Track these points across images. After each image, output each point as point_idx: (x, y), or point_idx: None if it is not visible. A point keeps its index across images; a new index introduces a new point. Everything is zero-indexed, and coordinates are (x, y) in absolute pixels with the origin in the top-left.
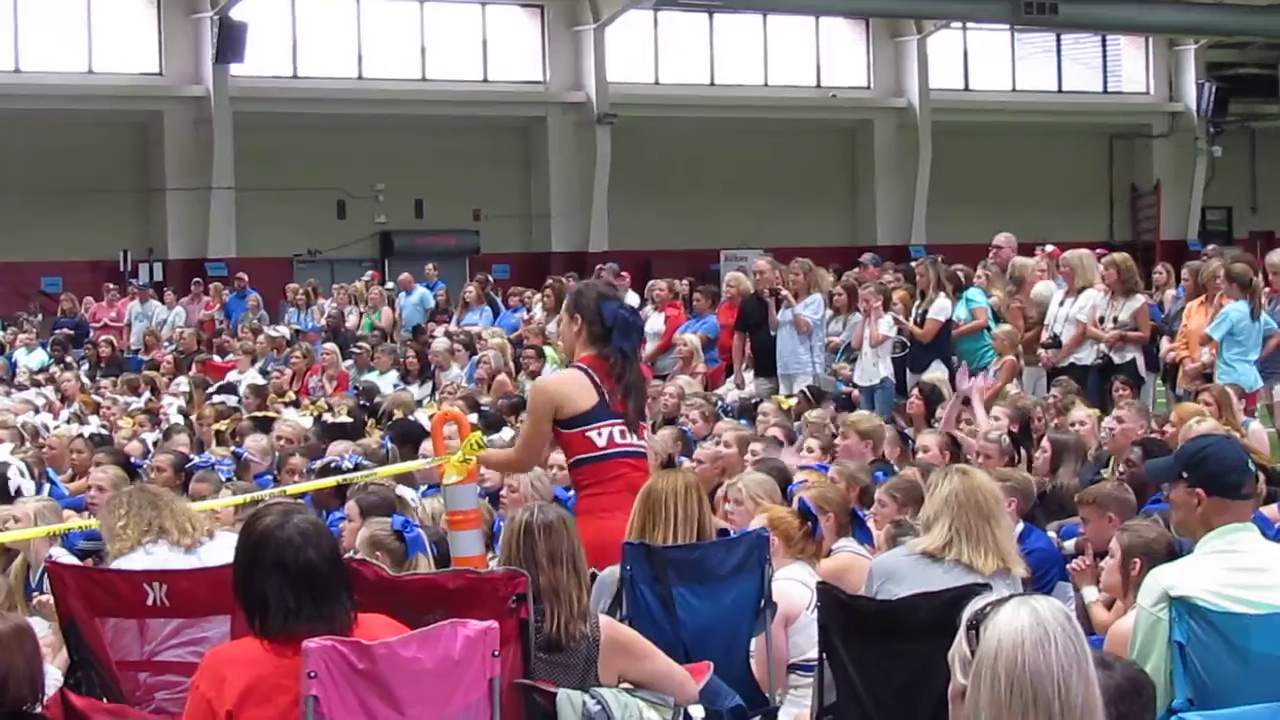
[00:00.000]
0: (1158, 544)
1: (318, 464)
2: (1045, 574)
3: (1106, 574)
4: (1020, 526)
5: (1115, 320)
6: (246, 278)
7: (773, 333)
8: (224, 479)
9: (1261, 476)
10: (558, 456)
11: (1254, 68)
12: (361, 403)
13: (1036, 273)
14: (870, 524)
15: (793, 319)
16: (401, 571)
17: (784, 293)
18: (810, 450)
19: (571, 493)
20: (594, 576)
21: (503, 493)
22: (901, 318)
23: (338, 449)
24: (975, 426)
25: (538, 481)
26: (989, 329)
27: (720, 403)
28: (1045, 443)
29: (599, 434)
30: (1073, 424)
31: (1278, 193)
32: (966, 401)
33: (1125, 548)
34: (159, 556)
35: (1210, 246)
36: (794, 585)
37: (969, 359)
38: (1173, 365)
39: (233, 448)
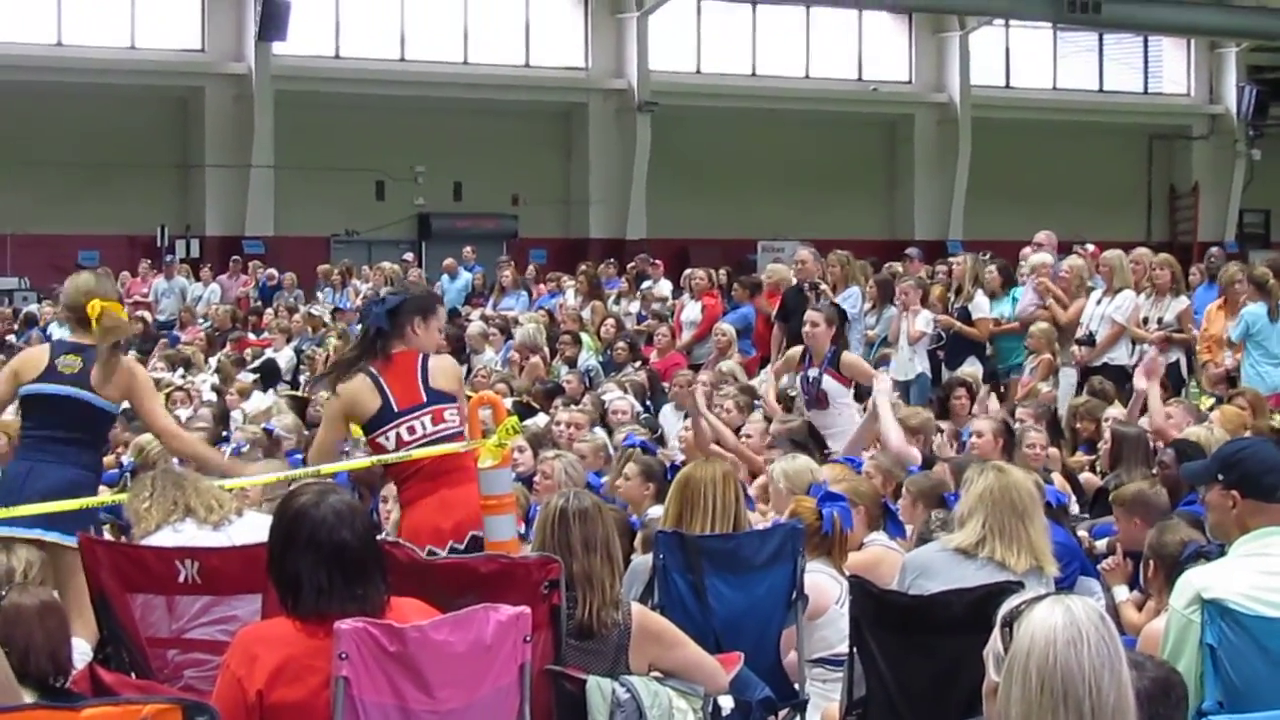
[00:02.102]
0: (1170, 547)
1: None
2: (1064, 568)
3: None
4: None
5: (1160, 321)
6: (276, 273)
7: None
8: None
9: None
10: (580, 446)
11: None
12: None
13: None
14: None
15: None
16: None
17: (822, 285)
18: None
19: (604, 479)
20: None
21: (536, 478)
22: (948, 317)
23: None
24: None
25: (571, 468)
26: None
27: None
28: (1107, 435)
29: (386, 438)
30: (1106, 421)
31: None
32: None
33: (1146, 548)
34: (187, 534)
35: (1213, 250)
36: (824, 578)
37: (1006, 356)
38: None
39: (263, 424)
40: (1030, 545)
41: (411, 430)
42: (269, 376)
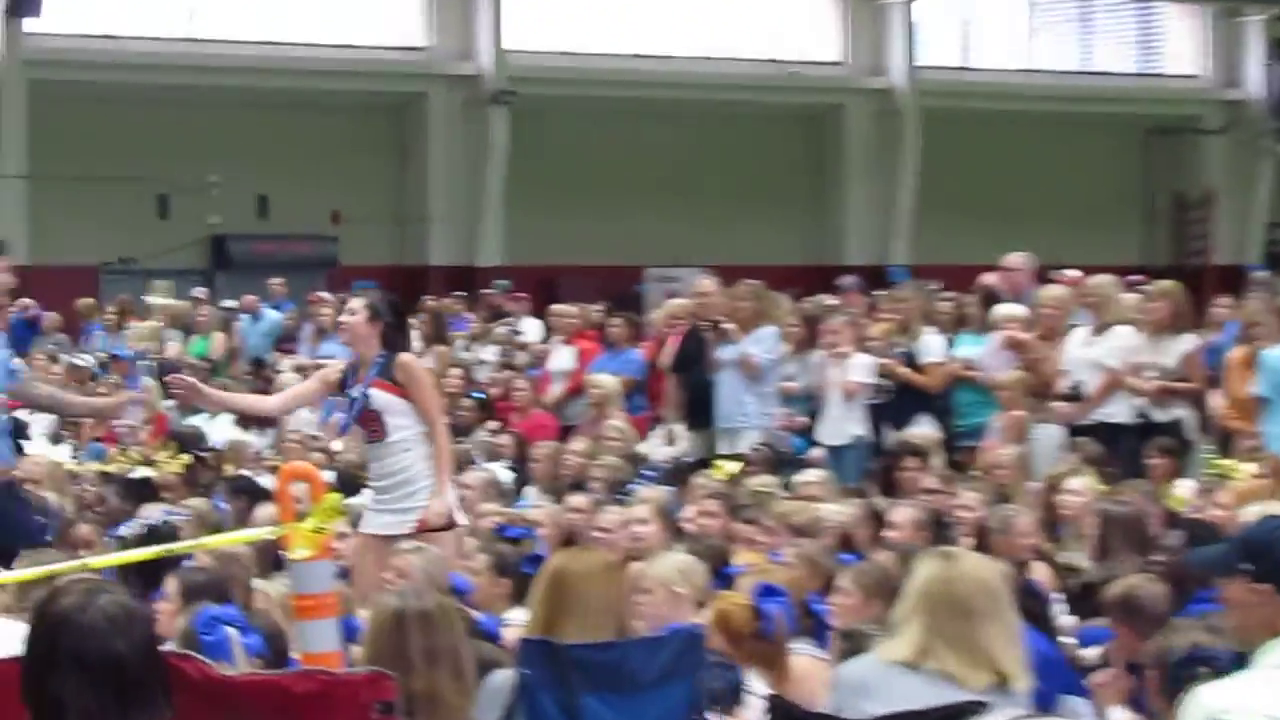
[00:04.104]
0: (1178, 656)
1: (123, 530)
2: (1041, 684)
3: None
4: None
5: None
6: (31, 304)
7: (711, 375)
8: None
9: None
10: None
11: None
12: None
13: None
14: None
15: (738, 359)
16: None
17: (727, 325)
18: (750, 541)
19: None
20: None
21: (387, 576)
22: (892, 363)
23: (149, 512)
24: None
25: (432, 566)
26: None
27: (644, 462)
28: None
29: None
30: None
31: None
32: None
33: (1148, 657)
34: None
35: (1257, 276)
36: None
37: (968, 412)
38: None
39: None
40: (987, 654)
41: None
42: (17, 439)
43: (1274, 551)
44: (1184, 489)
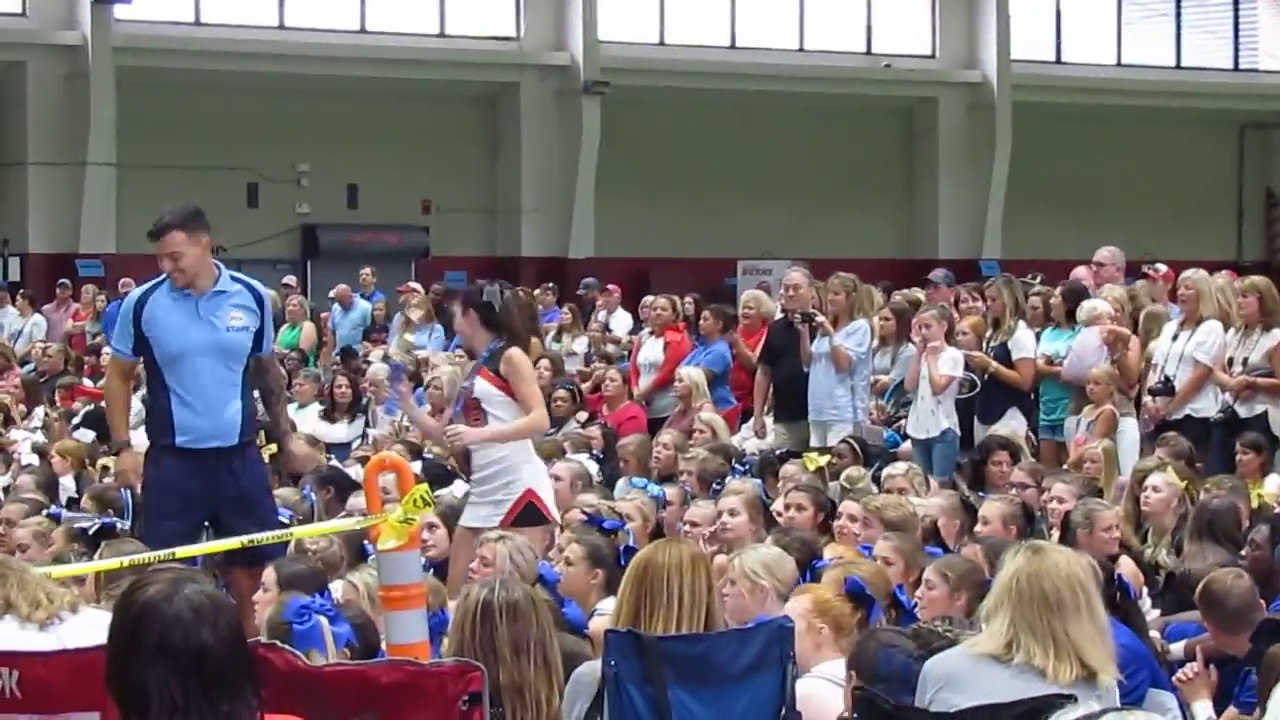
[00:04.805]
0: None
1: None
2: (1129, 678)
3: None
4: None
5: (1245, 362)
6: (133, 283)
7: (805, 368)
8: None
9: None
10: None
11: None
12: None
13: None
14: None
15: (830, 351)
16: None
17: (819, 317)
18: (853, 519)
19: (559, 568)
20: None
21: (472, 565)
22: (983, 356)
23: None
24: None
25: (518, 554)
26: None
27: (738, 455)
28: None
29: None
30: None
31: None
32: None
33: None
34: (5, 635)
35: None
36: (822, 685)
37: (1053, 407)
38: None
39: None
40: (1074, 647)
41: None
42: (105, 431)
43: None
44: (1271, 484)
